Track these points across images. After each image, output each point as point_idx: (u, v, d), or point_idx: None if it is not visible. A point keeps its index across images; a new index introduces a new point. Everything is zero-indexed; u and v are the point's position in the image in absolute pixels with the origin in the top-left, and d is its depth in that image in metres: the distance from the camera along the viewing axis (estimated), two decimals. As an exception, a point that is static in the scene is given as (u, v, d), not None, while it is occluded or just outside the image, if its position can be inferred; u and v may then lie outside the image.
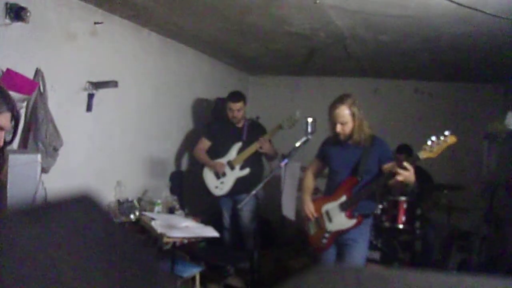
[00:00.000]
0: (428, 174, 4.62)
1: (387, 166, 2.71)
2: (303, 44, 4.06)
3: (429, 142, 2.48)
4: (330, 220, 2.86)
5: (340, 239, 2.84)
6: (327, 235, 2.86)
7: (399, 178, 2.50)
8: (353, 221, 2.76)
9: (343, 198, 2.79)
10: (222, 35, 3.95)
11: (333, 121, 2.81)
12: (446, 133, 2.47)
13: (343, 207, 2.78)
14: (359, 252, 2.78)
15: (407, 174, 2.48)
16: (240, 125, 4.05)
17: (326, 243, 2.88)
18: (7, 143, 1.65)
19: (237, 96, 4.04)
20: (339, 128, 2.78)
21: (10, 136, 1.65)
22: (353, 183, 2.78)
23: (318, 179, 3.22)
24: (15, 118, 1.56)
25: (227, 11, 3.21)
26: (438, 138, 2.47)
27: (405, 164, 2.48)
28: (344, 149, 2.86)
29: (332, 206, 2.85)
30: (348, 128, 2.77)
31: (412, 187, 4.33)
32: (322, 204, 2.92)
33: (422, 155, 2.51)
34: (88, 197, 0.42)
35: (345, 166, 2.84)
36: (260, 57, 4.91)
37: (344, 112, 2.76)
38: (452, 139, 2.47)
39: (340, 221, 2.80)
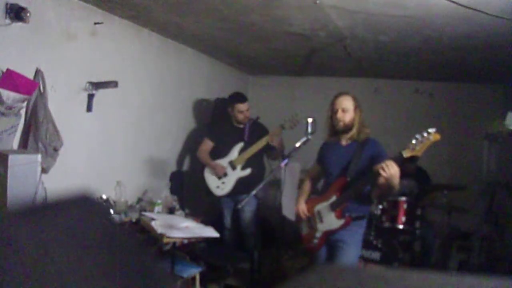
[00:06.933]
0: (427, 174, 4.63)
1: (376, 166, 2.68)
2: (303, 44, 4.05)
3: (413, 141, 2.47)
4: (321, 220, 2.85)
5: (330, 240, 2.82)
6: (318, 235, 2.86)
7: (381, 179, 2.49)
8: (341, 221, 2.73)
9: (333, 198, 2.78)
10: (222, 35, 3.95)
11: (334, 109, 2.80)
12: (430, 130, 2.44)
13: (332, 207, 2.76)
14: (349, 255, 2.72)
15: (386, 174, 2.45)
16: (241, 125, 4.05)
17: (317, 243, 2.87)
18: None
19: (243, 96, 4.05)
20: (340, 114, 2.77)
21: None
22: (343, 183, 2.76)
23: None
24: None
25: (227, 11, 3.21)
26: (422, 135, 2.45)
27: (387, 163, 2.46)
28: (337, 150, 2.86)
29: (323, 206, 2.83)
30: (349, 117, 2.77)
31: (411, 188, 4.34)
32: (315, 204, 2.91)
33: (406, 153, 2.49)
34: (88, 197, 0.42)
35: (337, 166, 2.83)
36: (260, 57, 4.91)
37: (348, 100, 2.80)
38: (435, 137, 2.44)
39: (329, 221, 2.79)
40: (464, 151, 5.19)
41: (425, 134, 2.45)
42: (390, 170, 2.44)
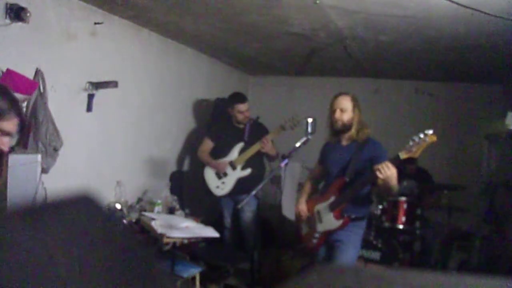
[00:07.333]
0: (429, 174, 4.63)
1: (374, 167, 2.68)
2: (303, 44, 4.05)
3: (410, 142, 2.48)
4: (320, 220, 2.85)
5: (329, 240, 2.83)
6: (317, 235, 2.87)
7: (379, 180, 2.51)
8: (339, 222, 2.74)
9: (332, 198, 2.79)
10: (222, 35, 3.94)
11: (333, 108, 2.82)
12: (427, 132, 2.45)
13: (331, 207, 2.77)
14: (347, 256, 2.73)
15: (382, 176, 2.45)
16: (241, 125, 4.05)
17: (316, 243, 2.88)
18: (10, 148, 1.61)
19: (243, 96, 4.05)
20: (338, 113, 2.78)
21: (14, 141, 1.62)
22: (341, 183, 2.76)
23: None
24: (22, 124, 1.52)
25: (227, 11, 3.21)
26: (419, 137, 2.46)
27: (383, 164, 2.46)
28: (337, 150, 2.87)
29: (322, 206, 2.84)
30: (347, 116, 2.78)
31: (411, 188, 4.34)
32: (315, 204, 2.92)
33: (403, 155, 2.50)
34: (88, 197, 0.42)
35: (337, 166, 2.84)
36: (260, 57, 4.91)
37: (347, 100, 2.81)
38: (432, 138, 2.45)
39: (328, 221, 2.79)
40: (464, 151, 5.19)
41: (422, 136, 2.45)
42: (387, 172, 2.45)
